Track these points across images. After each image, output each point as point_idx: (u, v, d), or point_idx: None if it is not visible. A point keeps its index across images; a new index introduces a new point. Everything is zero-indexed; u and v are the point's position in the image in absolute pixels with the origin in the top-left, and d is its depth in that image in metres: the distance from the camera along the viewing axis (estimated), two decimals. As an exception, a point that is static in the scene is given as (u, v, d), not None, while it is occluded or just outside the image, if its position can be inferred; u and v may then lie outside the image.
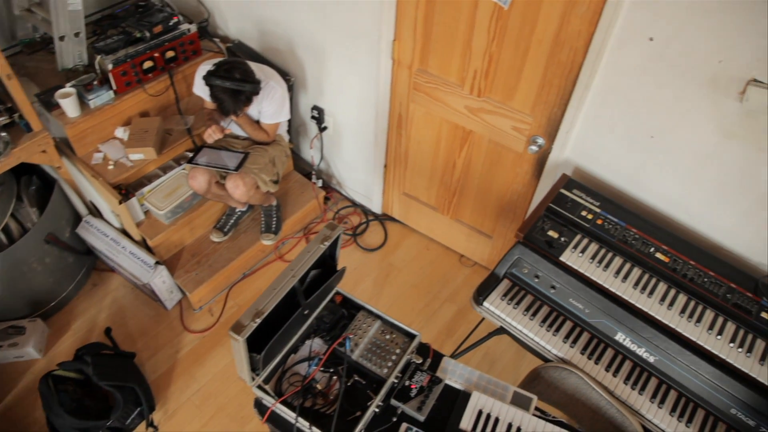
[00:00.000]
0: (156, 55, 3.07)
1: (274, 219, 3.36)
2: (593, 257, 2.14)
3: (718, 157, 2.01)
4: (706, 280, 2.06)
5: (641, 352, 2.01)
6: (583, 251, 2.15)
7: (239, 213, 3.35)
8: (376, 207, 3.64)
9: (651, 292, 2.04)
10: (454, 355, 2.55)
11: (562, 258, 2.14)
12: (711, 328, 1.95)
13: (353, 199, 3.76)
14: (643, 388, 1.95)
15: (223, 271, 3.20)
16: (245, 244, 3.35)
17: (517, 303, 2.17)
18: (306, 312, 1.90)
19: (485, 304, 2.18)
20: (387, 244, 3.58)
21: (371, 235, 3.63)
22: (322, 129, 3.42)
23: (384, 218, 3.70)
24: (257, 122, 2.92)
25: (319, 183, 3.64)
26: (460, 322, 3.14)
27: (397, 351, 1.94)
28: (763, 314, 1.99)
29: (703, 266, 2.10)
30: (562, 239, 2.19)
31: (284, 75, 3.23)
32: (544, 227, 2.24)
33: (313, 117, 3.39)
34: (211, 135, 2.70)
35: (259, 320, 1.64)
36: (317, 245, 1.83)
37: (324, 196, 3.68)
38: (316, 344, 2.00)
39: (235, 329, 1.62)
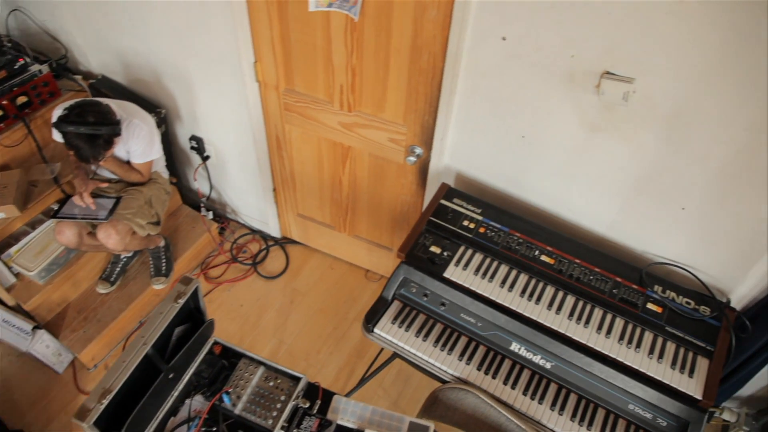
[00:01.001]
0: (4, 102, 2.77)
1: (164, 261, 3.13)
2: (478, 269, 2.05)
3: (587, 151, 1.96)
4: (592, 278, 2.01)
5: (537, 359, 1.94)
6: (467, 264, 2.06)
7: (125, 259, 3.10)
8: (274, 231, 3.46)
9: (539, 299, 1.97)
10: (354, 389, 2.42)
11: (446, 274, 2.05)
12: (600, 327, 1.90)
13: (250, 226, 3.57)
14: (542, 397, 1.88)
15: (114, 324, 2.95)
16: (136, 291, 3.11)
17: (409, 325, 2.05)
18: (171, 375, 1.72)
19: (376, 330, 2.06)
20: (290, 269, 3.42)
21: (273, 261, 3.46)
22: (204, 158, 3.21)
23: (284, 242, 3.53)
24: (128, 163, 2.68)
25: (210, 215, 3.43)
26: (371, 342, 3.00)
27: (282, 398, 1.79)
28: (650, 305, 1.96)
29: (588, 263, 2.05)
30: (446, 254, 2.10)
31: (154, 108, 3.01)
32: (426, 243, 2.14)
33: (192, 147, 3.19)
34: (80, 197, 2.47)
35: (106, 400, 1.45)
36: (170, 304, 1.66)
37: (219, 227, 3.47)
38: (197, 402, 1.83)
39: (79, 415, 1.43)
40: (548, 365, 1.94)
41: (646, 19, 1.54)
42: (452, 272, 2.06)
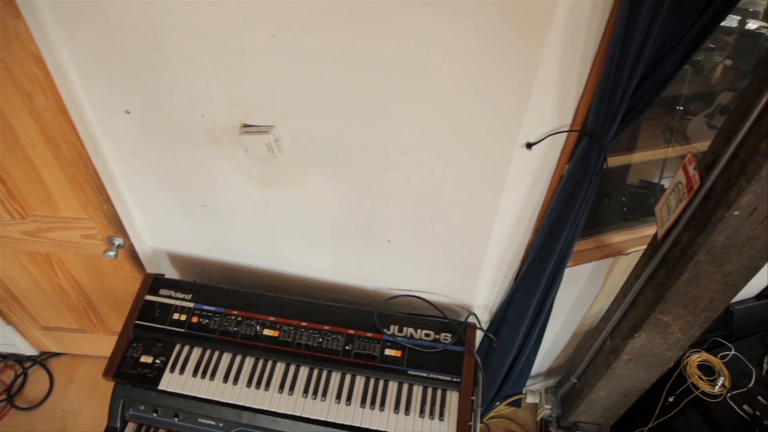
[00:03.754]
0: None
1: None
2: (197, 368, 1.76)
3: (271, 206, 1.73)
4: (322, 339, 1.79)
5: (289, 446, 1.68)
6: (184, 366, 1.76)
7: None
8: (27, 350, 2.93)
9: (268, 383, 1.73)
10: None
11: (162, 386, 1.74)
12: (338, 396, 1.70)
13: (-1, 352, 3.01)
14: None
15: None
16: None
17: (145, 450, 1.71)
18: None
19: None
20: (55, 389, 2.92)
21: (34, 386, 2.93)
22: None
23: (45, 358, 3.01)
24: None
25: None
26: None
27: None
28: (388, 351, 1.77)
29: (316, 323, 1.83)
30: (158, 361, 1.78)
31: None
32: (135, 355, 1.80)
33: None
34: None
35: None
36: None
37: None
38: None
39: None
40: (301, 450, 1.69)
41: (259, 65, 1.32)
42: (168, 382, 1.74)
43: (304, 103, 1.38)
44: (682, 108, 2.64)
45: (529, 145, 1.36)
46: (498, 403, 2.60)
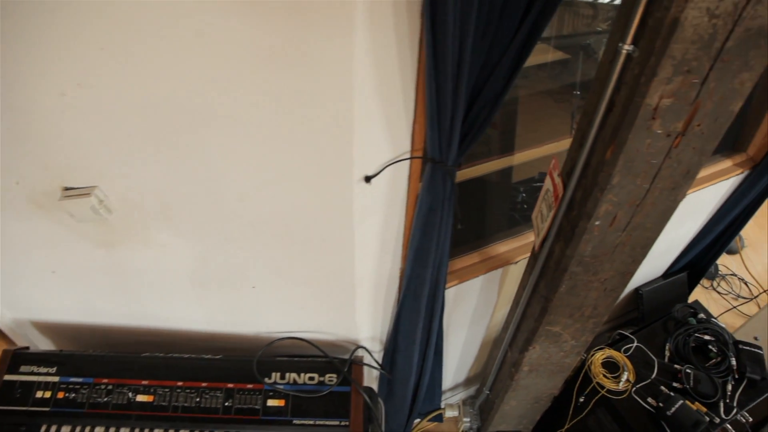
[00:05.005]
0: None
1: None
2: (62, 451, 1.57)
3: (124, 265, 1.58)
4: (200, 399, 1.64)
5: None
6: (44, 453, 1.57)
7: None
8: None
9: (142, 457, 1.54)
10: None
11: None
12: (219, 461, 1.53)
13: None
14: None
15: None
16: None
17: None
18: None
19: None
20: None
21: None
22: None
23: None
24: None
25: None
26: None
27: None
28: (271, 402, 1.64)
29: (193, 381, 1.68)
30: (15, 450, 1.58)
31: None
32: (-12, 446, 1.60)
33: None
34: None
35: None
36: None
37: None
38: None
39: None
40: None
41: (58, 125, 1.15)
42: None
43: (121, 161, 1.23)
44: (578, 93, 2.59)
45: (368, 179, 1.26)
46: (419, 420, 2.53)
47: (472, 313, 2.08)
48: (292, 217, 1.37)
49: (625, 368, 2.07)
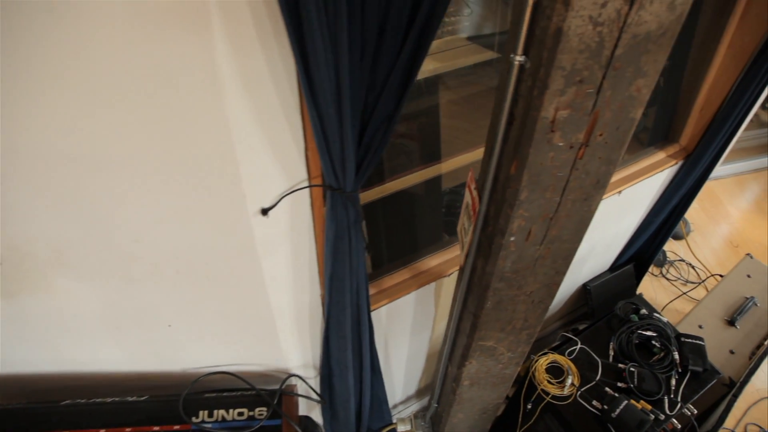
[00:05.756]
0: None
1: None
2: None
3: (27, 311, 1.45)
4: (118, 449, 1.52)
5: None
6: None
7: None
8: None
9: None
10: None
11: None
12: None
13: None
14: None
15: None
16: None
17: None
18: None
19: None
20: None
21: None
22: None
23: None
24: None
25: None
26: None
27: None
28: (197, 445, 1.52)
29: (116, 427, 1.59)
30: None
31: None
32: None
33: None
34: None
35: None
36: None
37: None
38: None
39: None
40: None
41: None
42: None
43: (3, 209, 1.12)
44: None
45: (264, 211, 1.17)
46: (372, 437, 2.46)
47: (411, 328, 2.02)
48: (193, 255, 1.27)
49: (570, 372, 2.03)
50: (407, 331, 2.03)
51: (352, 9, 0.86)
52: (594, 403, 1.99)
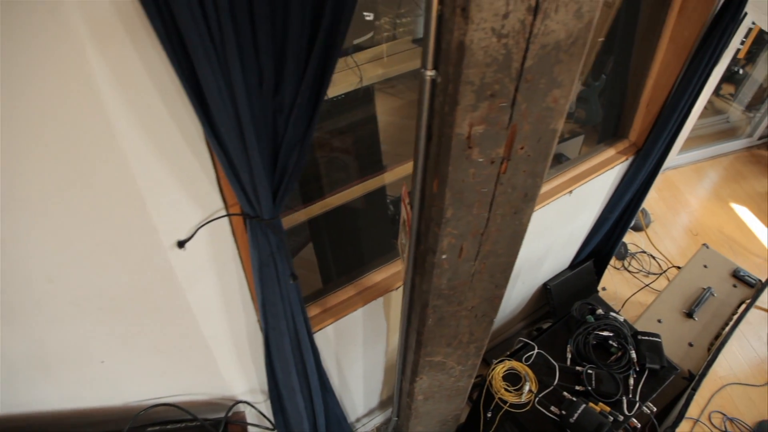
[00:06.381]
0: None
1: None
2: None
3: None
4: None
5: None
6: None
7: None
8: None
9: None
10: None
11: None
12: None
13: None
14: None
15: None
16: None
17: None
18: None
19: None
20: None
21: None
22: None
23: None
24: None
25: None
26: None
27: None
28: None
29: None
30: None
31: None
32: None
33: None
34: None
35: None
36: None
37: None
38: None
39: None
40: None
41: None
42: None
43: None
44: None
45: (181, 244, 1.10)
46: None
47: (363, 343, 1.96)
48: (113, 291, 1.20)
49: (527, 378, 1.99)
50: (360, 346, 1.98)
51: (241, 37, 0.80)
52: (552, 408, 1.96)
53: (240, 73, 0.86)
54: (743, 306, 2.63)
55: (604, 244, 2.97)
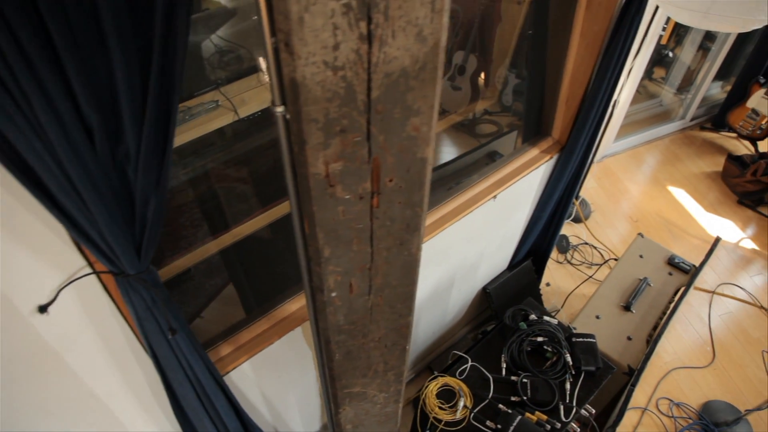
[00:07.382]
0: None
1: None
2: None
3: None
4: None
5: None
6: None
7: None
8: None
9: None
10: None
11: None
12: None
13: None
14: None
15: None
16: None
17: None
18: None
19: None
20: None
21: None
22: None
23: None
24: None
25: None
26: None
27: None
28: None
29: None
30: None
31: None
32: None
33: None
34: None
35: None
36: None
37: None
38: None
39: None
40: None
41: None
42: None
43: None
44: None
45: (42, 309, 1.01)
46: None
47: (290, 374, 1.88)
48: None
49: (461, 393, 1.94)
50: (286, 377, 1.90)
51: (50, 91, 0.72)
52: (488, 423, 1.91)
53: (58, 130, 0.77)
54: (679, 293, 2.64)
55: (540, 241, 2.95)
